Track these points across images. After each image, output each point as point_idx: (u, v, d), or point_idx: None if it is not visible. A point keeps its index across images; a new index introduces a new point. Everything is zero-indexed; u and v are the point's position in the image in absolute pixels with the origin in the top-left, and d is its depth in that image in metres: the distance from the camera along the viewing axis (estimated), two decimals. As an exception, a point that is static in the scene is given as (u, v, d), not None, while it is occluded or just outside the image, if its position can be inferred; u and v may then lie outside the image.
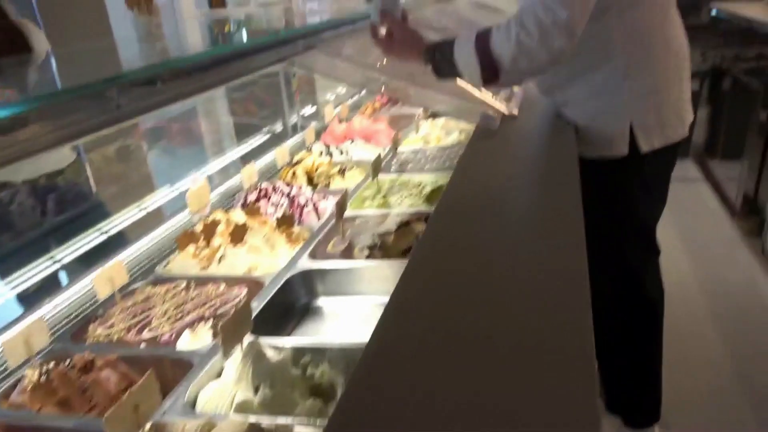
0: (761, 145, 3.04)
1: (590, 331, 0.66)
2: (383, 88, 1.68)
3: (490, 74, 1.24)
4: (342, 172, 1.84)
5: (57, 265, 1.38)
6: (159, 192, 1.86)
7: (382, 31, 1.40)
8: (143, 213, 1.72)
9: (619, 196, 1.40)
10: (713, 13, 4.08)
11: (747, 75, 3.35)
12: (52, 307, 1.19)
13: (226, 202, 1.76)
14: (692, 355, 2.14)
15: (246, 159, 2.19)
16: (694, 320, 2.38)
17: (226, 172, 2.12)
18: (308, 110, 2.73)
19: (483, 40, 1.23)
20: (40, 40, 1.62)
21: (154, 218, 1.71)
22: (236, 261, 1.33)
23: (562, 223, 0.96)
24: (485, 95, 1.60)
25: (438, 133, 2.00)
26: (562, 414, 0.54)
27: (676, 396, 1.81)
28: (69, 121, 0.84)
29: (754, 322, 2.35)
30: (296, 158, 1.95)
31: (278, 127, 2.50)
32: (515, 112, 1.56)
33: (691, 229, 3.17)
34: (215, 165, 2.15)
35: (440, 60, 1.31)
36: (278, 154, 1.92)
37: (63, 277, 1.38)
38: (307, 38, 1.56)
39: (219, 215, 1.49)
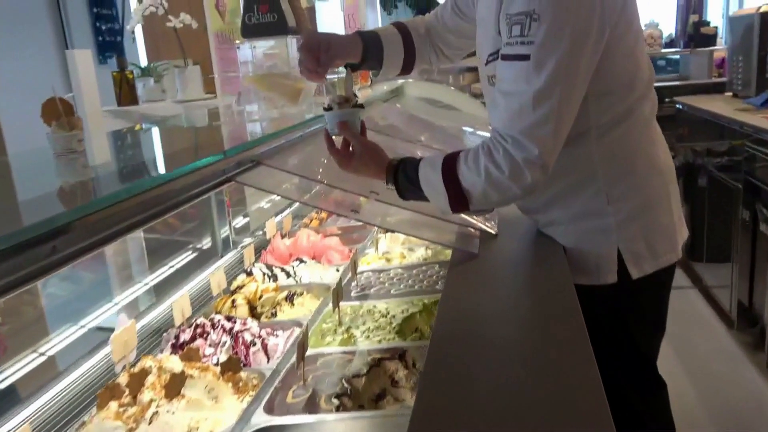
0: (748, 247, 3.31)
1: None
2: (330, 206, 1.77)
3: (459, 204, 1.36)
4: (291, 299, 1.87)
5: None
6: (61, 331, 1.82)
7: (338, 141, 1.51)
8: (43, 358, 1.68)
9: (613, 327, 1.48)
10: (678, 107, 4.56)
11: (722, 171, 3.70)
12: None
13: (149, 344, 1.74)
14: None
15: (167, 285, 2.18)
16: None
17: (144, 304, 2.10)
18: (240, 221, 2.78)
19: (450, 170, 1.34)
20: None
21: (57, 365, 1.66)
22: (173, 420, 1.31)
23: (573, 359, 1.03)
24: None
25: (401, 250, 2.09)
26: None
27: None
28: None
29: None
30: (235, 284, 1.97)
31: (206, 243, 2.53)
32: (494, 230, 1.67)
33: (687, 343, 3.34)
34: (128, 294, 2.13)
35: (404, 182, 1.43)
36: (213, 280, 1.94)
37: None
38: (250, 151, 1.65)
39: (148, 362, 1.47)
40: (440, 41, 1.72)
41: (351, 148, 1.50)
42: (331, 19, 2.98)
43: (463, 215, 1.76)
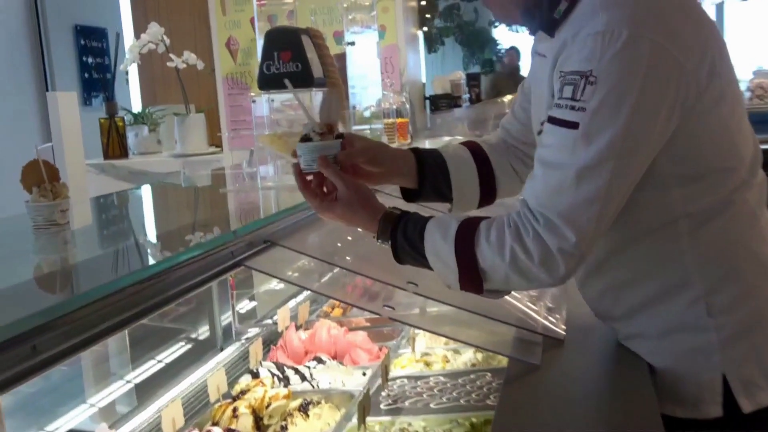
0: None
1: None
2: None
3: (472, 284, 1.35)
4: (305, 409, 1.85)
5: None
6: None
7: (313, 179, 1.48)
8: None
9: None
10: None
11: None
12: None
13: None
14: None
15: (153, 385, 2.18)
16: None
17: (125, 406, 2.10)
18: (246, 305, 2.79)
19: (466, 243, 1.33)
20: None
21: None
22: None
23: None
24: (520, 302, 1.71)
25: (443, 352, 2.08)
26: None
27: None
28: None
29: None
30: (237, 387, 1.97)
31: (203, 333, 2.54)
32: (562, 333, 1.66)
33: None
34: (106, 395, 2.13)
35: (403, 243, 1.41)
36: (212, 382, 1.94)
37: None
38: (263, 229, 1.68)
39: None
40: (522, 143, 1.70)
41: (328, 189, 1.47)
42: (364, 66, 3.05)
43: (523, 308, 1.75)
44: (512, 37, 8.51)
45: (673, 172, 1.33)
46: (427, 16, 6.54)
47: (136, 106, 4.66)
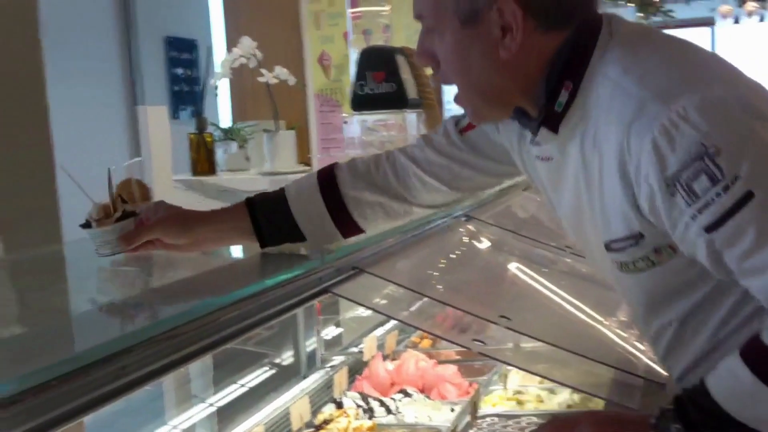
0: None
1: None
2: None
3: None
4: (389, 443, 1.91)
5: None
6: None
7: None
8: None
9: None
10: None
11: None
12: None
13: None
14: None
15: (235, 410, 2.27)
16: None
17: (206, 430, 2.20)
18: (332, 331, 2.87)
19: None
20: None
21: None
22: None
23: None
24: (623, 340, 1.72)
25: (537, 391, 2.09)
26: None
27: None
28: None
29: None
30: (321, 417, 2.04)
31: (286, 358, 2.62)
32: (664, 375, 1.65)
33: None
34: (187, 417, 2.23)
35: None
36: (295, 411, 2.02)
37: None
38: (351, 255, 1.74)
39: None
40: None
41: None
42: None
43: (624, 347, 1.76)
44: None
45: None
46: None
47: (225, 121, 4.81)
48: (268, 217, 1.61)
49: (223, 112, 5.21)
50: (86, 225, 1.56)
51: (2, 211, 2.27)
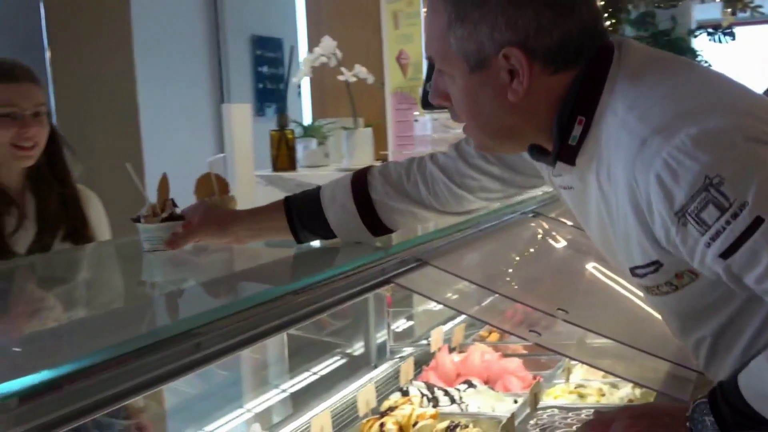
0: None
1: None
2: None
3: None
4: (452, 430, 1.96)
5: None
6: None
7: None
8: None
9: None
10: None
11: None
12: None
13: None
14: None
15: (307, 395, 2.37)
16: None
17: (279, 414, 2.30)
18: (402, 324, 2.94)
19: None
20: (97, 210, 2.33)
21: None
22: None
23: None
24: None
25: (600, 384, 2.13)
26: None
27: None
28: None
29: None
30: (386, 404, 2.11)
31: (357, 348, 2.70)
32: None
33: None
34: (262, 401, 2.34)
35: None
36: (361, 398, 2.10)
37: None
38: (416, 248, 1.82)
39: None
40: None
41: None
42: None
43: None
44: (714, 48, 8.16)
45: None
46: (611, 22, 6.33)
47: (306, 118, 4.92)
48: (302, 219, 1.73)
49: (304, 108, 5.33)
50: (136, 219, 1.75)
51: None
